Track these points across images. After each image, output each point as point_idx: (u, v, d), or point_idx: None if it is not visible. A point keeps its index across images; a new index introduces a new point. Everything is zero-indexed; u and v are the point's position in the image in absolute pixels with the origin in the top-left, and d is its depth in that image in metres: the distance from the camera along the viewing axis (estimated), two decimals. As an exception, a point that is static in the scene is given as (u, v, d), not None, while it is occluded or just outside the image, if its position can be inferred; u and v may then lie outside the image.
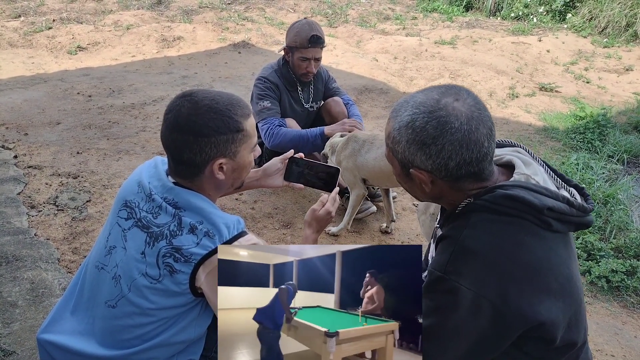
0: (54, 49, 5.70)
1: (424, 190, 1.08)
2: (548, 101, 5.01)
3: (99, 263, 1.24)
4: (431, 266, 1.03)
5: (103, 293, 1.20)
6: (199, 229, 1.13)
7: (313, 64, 2.64)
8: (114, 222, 1.24)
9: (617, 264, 2.41)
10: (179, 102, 1.17)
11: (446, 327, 0.99)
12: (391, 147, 1.07)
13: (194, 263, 1.12)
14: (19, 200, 2.61)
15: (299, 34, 2.57)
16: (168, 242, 1.14)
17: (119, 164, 3.12)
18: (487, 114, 1.01)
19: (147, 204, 1.20)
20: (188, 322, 1.18)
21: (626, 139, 4.08)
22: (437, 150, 0.98)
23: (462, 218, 1.03)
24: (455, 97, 1.00)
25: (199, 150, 1.15)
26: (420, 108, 1.00)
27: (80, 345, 1.18)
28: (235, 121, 1.17)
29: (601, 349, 2.01)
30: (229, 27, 6.80)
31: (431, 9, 9.13)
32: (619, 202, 3.03)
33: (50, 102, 4.10)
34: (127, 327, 1.16)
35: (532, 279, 0.95)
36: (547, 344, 0.99)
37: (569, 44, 7.02)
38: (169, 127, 1.15)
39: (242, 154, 1.21)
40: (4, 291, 1.97)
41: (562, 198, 1.01)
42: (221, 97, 1.18)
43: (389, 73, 5.55)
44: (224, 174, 1.20)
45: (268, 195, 2.91)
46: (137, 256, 1.16)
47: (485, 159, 1.01)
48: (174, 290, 1.14)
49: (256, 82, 2.75)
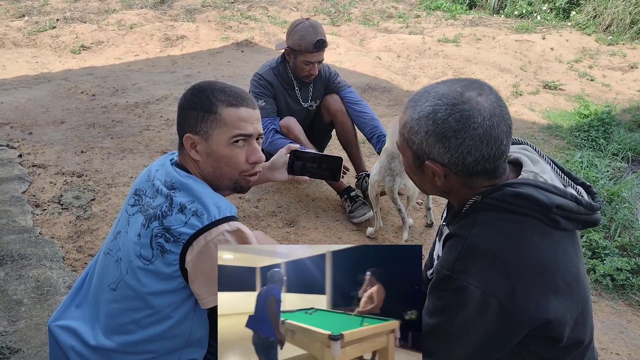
0: (58, 48, 5.72)
1: (435, 183, 1.06)
2: (552, 99, 4.99)
3: (107, 249, 1.27)
4: (439, 265, 1.03)
5: (107, 277, 1.23)
6: (187, 208, 1.14)
7: (316, 67, 2.63)
8: (124, 210, 1.28)
9: (622, 262, 2.40)
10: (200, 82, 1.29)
11: (453, 325, 0.98)
12: (407, 137, 1.04)
13: (183, 243, 1.12)
14: (24, 199, 2.63)
15: (303, 38, 2.53)
16: (160, 222, 1.15)
17: (123, 162, 3.12)
18: (507, 112, 1.00)
19: (150, 190, 1.24)
20: (184, 315, 1.18)
21: (631, 136, 4.06)
22: (457, 144, 0.97)
23: (470, 216, 1.02)
24: (479, 91, 0.98)
25: (180, 122, 1.25)
26: (443, 99, 0.98)
27: (87, 333, 1.20)
28: (210, 102, 1.21)
29: (606, 348, 2.00)
30: (232, 26, 6.80)
31: (434, 7, 9.10)
32: (624, 200, 3.02)
33: (54, 101, 4.12)
34: (125, 310, 1.17)
35: (540, 278, 0.95)
36: (554, 342, 0.99)
37: (573, 41, 6.99)
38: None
39: (216, 139, 1.21)
40: (10, 289, 1.98)
41: (570, 196, 1.00)
42: (220, 84, 1.25)
43: (392, 71, 5.54)
44: (199, 155, 1.23)
45: (272, 193, 2.91)
46: (134, 238, 1.18)
47: (502, 156, 1.00)
48: (165, 272, 1.14)
49: (252, 79, 2.74)
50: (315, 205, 2.83)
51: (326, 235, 2.56)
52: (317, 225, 2.63)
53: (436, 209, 2.90)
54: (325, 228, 2.62)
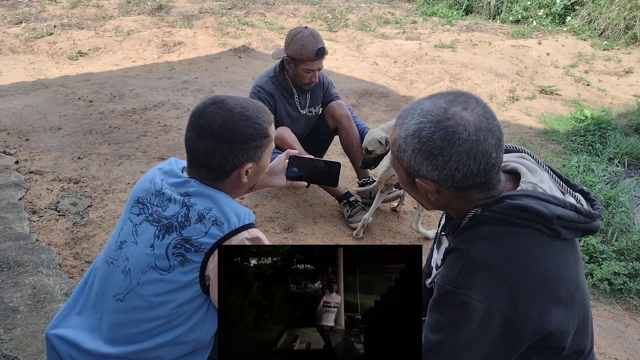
0: (55, 54, 5.72)
1: (429, 199, 1.06)
2: (548, 104, 5.01)
3: (109, 258, 1.25)
4: (440, 280, 1.02)
5: (112, 287, 1.21)
6: (206, 218, 1.14)
7: (316, 74, 2.67)
8: (126, 219, 1.26)
9: (619, 266, 2.40)
10: (211, 108, 1.19)
11: (457, 340, 0.98)
12: (397, 155, 1.05)
13: (205, 252, 1.13)
14: (21, 206, 2.62)
15: (304, 47, 2.55)
16: (178, 233, 1.15)
17: (120, 169, 3.12)
18: (495, 123, 0.98)
19: (157, 199, 1.22)
20: (195, 323, 1.18)
21: (627, 141, 4.07)
22: (443, 161, 0.96)
23: (471, 230, 1.02)
24: (464, 105, 0.97)
25: (232, 156, 1.19)
26: (427, 117, 0.98)
27: (86, 342, 1.18)
28: (264, 127, 1.23)
29: (604, 352, 2.00)
30: (230, 32, 6.82)
31: (431, 12, 9.14)
32: (621, 205, 3.03)
33: (51, 107, 4.11)
34: (134, 321, 1.16)
35: (543, 290, 0.95)
36: (556, 352, 0.99)
37: (569, 46, 7.03)
38: (201, 134, 1.18)
39: (265, 158, 1.28)
40: (6, 297, 1.97)
41: (570, 205, 1.00)
42: (249, 104, 1.24)
43: (389, 77, 5.56)
44: (248, 178, 1.25)
45: (269, 199, 2.91)
46: (147, 250, 1.17)
47: (493, 169, 0.99)
48: (183, 280, 1.14)
49: (251, 90, 2.75)
50: (313, 210, 2.83)
51: (324, 240, 2.55)
52: (314, 231, 2.63)
53: (433, 214, 2.90)
54: (323, 233, 2.62)
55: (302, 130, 2.86)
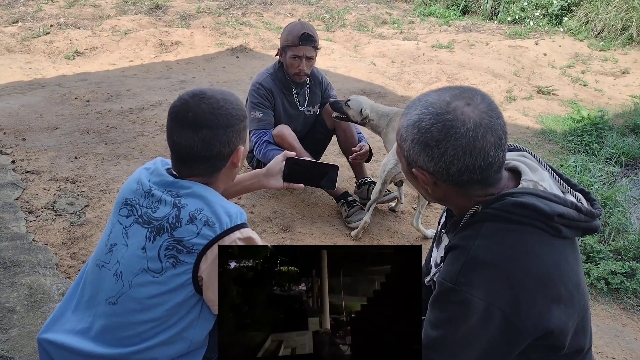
0: (52, 54, 5.70)
1: (427, 190, 1.07)
2: (545, 104, 5.02)
3: (100, 261, 1.23)
4: (441, 277, 1.02)
5: (104, 290, 1.20)
6: (198, 219, 1.14)
7: (305, 63, 2.65)
8: (115, 221, 1.24)
9: (616, 265, 2.41)
10: (192, 102, 1.18)
11: (456, 337, 0.98)
12: (399, 144, 1.06)
13: (197, 253, 1.13)
14: (17, 206, 2.60)
15: (290, 32, 2.61)
16: (170, 235, 1.14)
17: (117, 168, 3.11)
18: (499, 122, 0.98)
19: (146, 200, 1.20)
20: (188, 323, 1.17)
21: (623, 141, 4.09)
22: (439, 153, 0.97)
23: (472, 227, 1.02)
24: (468, 101, 0.97)
25: (228, 140, 1.20)
26: (429, 109, 0.99)
27: (79, 344, 1.17)
28: (243, 109, 1.25)
29: (602, 352, 2.00)
30: (227, 32, 6.81)
31: (428, 13, 9.16)
32: (617, 205, 3.04)
33: (48, 107, 4.09)
34: (127, 324, 1.15)
35: (544, 288, 0.95)
36: (555, 351, 0.99)
37: (566, 47, 7.05)
38: (194, 127, 1.16)
39: (247, 139, 1.29)
40: (2, 297, 1.96)
41: (571, 204, 1.00)
42: (223, 90, 1.27)
43: (386, 77, 5.56)
44: (239, 162, 1.26)
45: (267, 199, 2.90)
46: (139, 252, 1.16)
47: (491, 167, 0.98)
48: (177, 282, 1.13)
49: (251, 87, 2.76)
50: (311, 210, 2.83)
51: (322, 240, 2.55)
52: (312, 231, 2.63)
53: (431, 214, 2.90)
54: (321, 233, 2.61)
55: (300, 128, 2.85)
